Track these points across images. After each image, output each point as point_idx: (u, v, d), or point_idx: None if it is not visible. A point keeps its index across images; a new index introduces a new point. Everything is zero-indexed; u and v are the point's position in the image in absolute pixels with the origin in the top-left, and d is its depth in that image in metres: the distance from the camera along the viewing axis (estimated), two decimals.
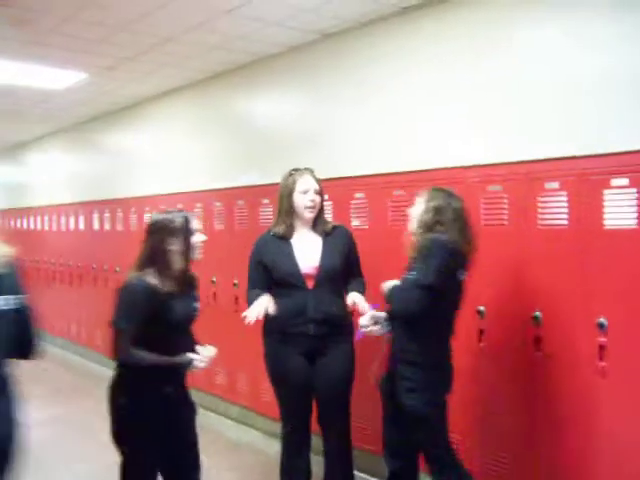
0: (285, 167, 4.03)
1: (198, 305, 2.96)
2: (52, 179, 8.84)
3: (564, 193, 3.08)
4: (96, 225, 7.53)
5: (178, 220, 2.79)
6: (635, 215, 2.83)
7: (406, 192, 3.78)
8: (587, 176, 2.99)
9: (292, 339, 3.29)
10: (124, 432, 2.75)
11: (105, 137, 7.46)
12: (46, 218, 8.86)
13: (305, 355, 3.31)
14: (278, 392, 3.46)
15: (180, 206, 4.87)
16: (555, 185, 3.12)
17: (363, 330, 3.03)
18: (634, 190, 2.83)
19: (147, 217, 2.87)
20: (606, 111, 2.97)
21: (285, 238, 3.35)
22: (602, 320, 2.93)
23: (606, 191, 2.92)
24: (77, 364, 7.65)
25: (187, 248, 2.79)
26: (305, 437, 3.47)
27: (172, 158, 6.19)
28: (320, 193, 3.38)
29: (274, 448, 4.66)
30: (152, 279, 2.71)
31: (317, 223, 3.39)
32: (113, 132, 7.27)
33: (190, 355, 2.75)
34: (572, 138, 3.09)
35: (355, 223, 4.13)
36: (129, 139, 6.99)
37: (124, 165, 7.04)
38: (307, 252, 3.33)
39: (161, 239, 2.76)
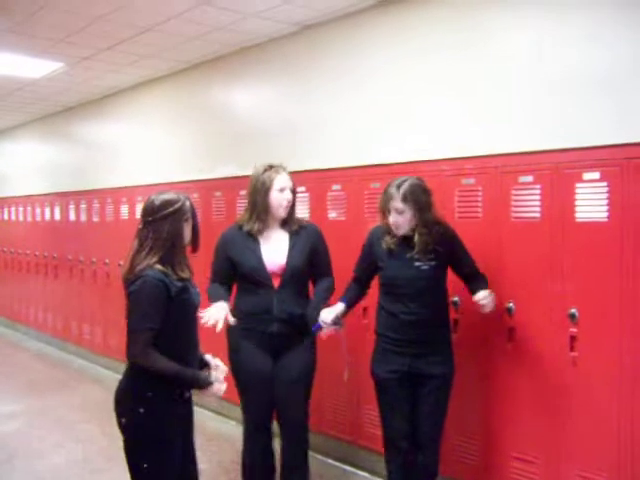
0: (263, 159, 4.00)
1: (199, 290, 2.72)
2: (27, 169, 8.74)
3: (537, 186, 3.13)
4: (72, 216, 7.47)
5: (187, 202, 2.55)
6: (606, 208, 2.88)
7: (382, 184, 3.80)
8: (560, 170, 3.04)
9: (255, 336, 3.26)
10: (144, 446, 2.45)
11: (82, 127, 7.39)
12: (21, 209, 8.76)
13: (268, 351, 3.28)
14: (241, 388, 3.36)
15: None
16: (529, 178, 3.17)
17: (321, 326, 3.07)
18: (605, 184, 2.88)
19: (146, 200, 2.61)
20: (579, 106, 3.02)
21: (254, 235, 3.30)
22: (573, 311, 3.00)
23: (578, 184, 2.98)
24: (53, 356, 7.60)
25: (196, 233, 2.59)
26: (268, 435, 3.39)
27: (149, 149, 6.16)
28: (294, 191, 3.33)
29: None
30: (165, 268, 2.45)
31: (287, 221, 3.33)
32: (90, 122, 7.20)
33: (213, 373, 2.53)
34: (546, 132, 3.14)
35: (332, 215, 4.15)
36: (106, 130, 6.94)
37: (101, 156, 6.98)
38: (274, 250, 3.28)
39: (177, 223, 2.50)
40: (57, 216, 7.84)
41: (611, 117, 2.91)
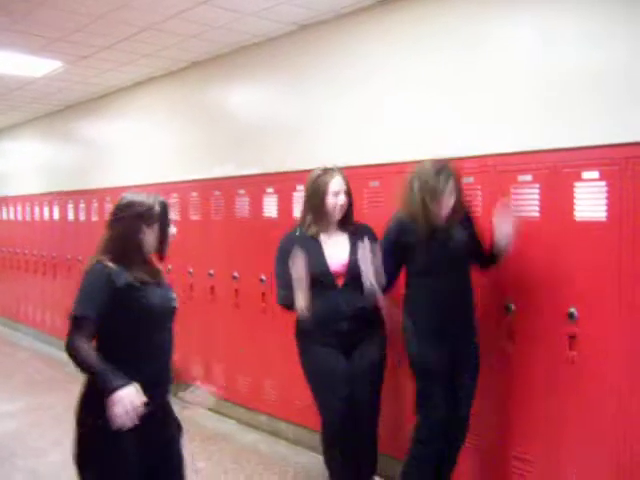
0: (261, 158, 4.03)
1: (174, 295, 2.52)
2: (26, 168, 8.73)
3: (536, 185, 3.14)
4: (71, 215, 7.47)
5: (156, 207, 2.39)
6: (604, 208, 2.89)
7: (381, 183, 3.81)
8: (559, 169, 3.05)
9: (326, 337, 3.29)
10: (88, 458, 2.30)
11: (81, 126, 7.39)
12: (20, 208, 8.76)
13: (339, 349, 3.30)
14: (316, 391, 3.37)
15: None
16: (528, 177, 3.18)
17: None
18: (604, 183, 2.89)
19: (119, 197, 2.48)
20: (577, 105, 3.02)
21: (314, 237, 3.36)
22: (572, 310, 3.00)
23: (577, 183, 2.98)
24: (51, 355, 7.59)
25: (162, 240, 2.41)
26: (348, 435, 3.34)
27: (148, 148, 6.16)
28: (348, 193, 3.36)
29: (249, 437, 4.70)
30: (115, 264, 2.31)
31: (345, 221, 3.39)
32: (89, 121, 7.20)
33: (128, 389, 2.13)
34: (545, 131, 3.14)
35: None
36: (105, 129, 6.93)
37: (99, 155, 6.98)
38: (336, 250, 3.34)
39: (136, 226, 2.36)
40: (56, 215, 7.83)
41: (610, 116, 2.91)
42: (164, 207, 2.43)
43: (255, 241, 4.71)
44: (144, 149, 6.22)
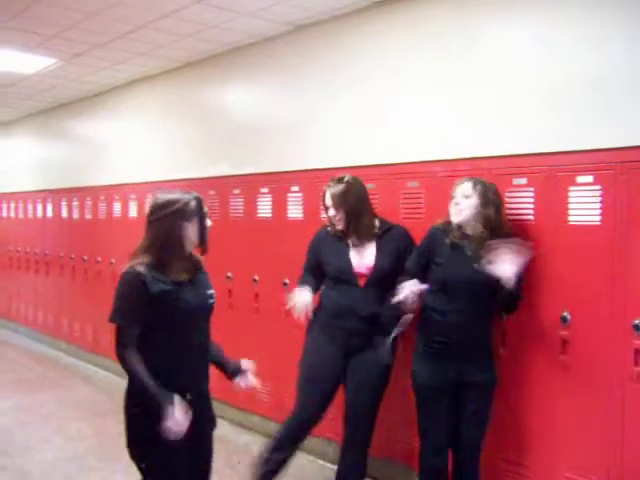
0: (256, 158, 3.97)
1: (212, 292, 2.58)
2: (19, 166, 8.69)
3: (531, 189, 3.14)
4: (64, 213, 7.43)
5: (192, 202, 2.44)
6: (599, 212, 2.89)
7: (376, 185, 3.81)
8: (554, 173, 3.05)
9: (333, 331, 3.34)
10: (139, 447, 2.42)
11: (75, 124, 7.35)
12: (12, 205, 8.72)
13: (342, 348, 3.34)
14: (302, 379, 3.44)
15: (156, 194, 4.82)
16: (523, 181, 3.17)
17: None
18: (598, 187, 2.89)
19: (150, 198, 2.62)
20: (572, 109, 3.03)
21: (343, 237, 3.41)
22: (565, 314, 3.00)
23: (572, 188, 2.98)
24: (42, 353, 7.56)
25: (202, 234, 2.47)
26: (304, 435, 3.42)
27: (142, 147, 6.14)
28: (341, 205, 3.34)
29: (242, 439, 4.69)
30: (152, 267, 2.37)
31: (357, 230, 3.36)
32: (83, 119, 7.16)
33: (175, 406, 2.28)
34: (540, 135, 3.14)
35: (324, 215, 4.13)
36: (99, 127, 6.90)
37: (94, 153, 6.95)
38: (362, 252, 3.38)
39: (176, 223, 2.40)
40: (49, 213, 7.80)
41: (605, 120, 2.92)
42: (199, 201, 2.48)
43: (249, 241, 4.70)
44: (138, 148, 6.20)
